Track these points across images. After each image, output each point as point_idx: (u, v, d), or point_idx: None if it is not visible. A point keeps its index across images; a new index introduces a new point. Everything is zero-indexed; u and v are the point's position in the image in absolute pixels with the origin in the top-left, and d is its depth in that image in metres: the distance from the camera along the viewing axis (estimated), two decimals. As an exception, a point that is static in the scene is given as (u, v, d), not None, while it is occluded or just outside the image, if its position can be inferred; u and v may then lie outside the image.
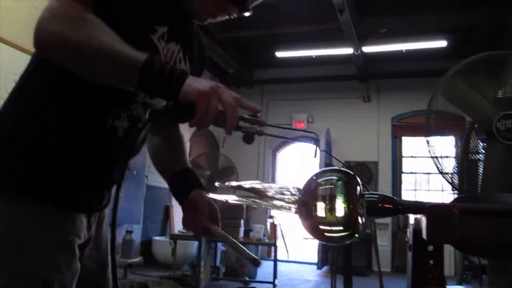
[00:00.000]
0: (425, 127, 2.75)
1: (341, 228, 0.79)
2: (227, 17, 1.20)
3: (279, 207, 0.98)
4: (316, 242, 8.28)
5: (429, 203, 0.66)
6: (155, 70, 0.87)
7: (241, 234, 5.91)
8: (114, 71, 0.91)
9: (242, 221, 5.96)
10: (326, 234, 0.80)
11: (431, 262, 0.76)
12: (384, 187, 8.90)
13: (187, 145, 1.20)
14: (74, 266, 1.08)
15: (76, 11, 0.93)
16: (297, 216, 0.89)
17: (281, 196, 0.88)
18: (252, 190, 0.98)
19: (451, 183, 2.73)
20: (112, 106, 1.10)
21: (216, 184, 4.45)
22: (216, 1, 1.16)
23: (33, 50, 1.04)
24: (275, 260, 5.79)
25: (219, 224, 1.27)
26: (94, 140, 1.09)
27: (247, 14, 1.20)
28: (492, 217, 0.68)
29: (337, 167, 0.84)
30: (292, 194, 0.86)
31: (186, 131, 1.54)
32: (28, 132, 1.04)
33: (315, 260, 8.19)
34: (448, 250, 6.78)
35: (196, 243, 6.23)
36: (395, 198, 0.76)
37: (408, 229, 0.82)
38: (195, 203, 1.28)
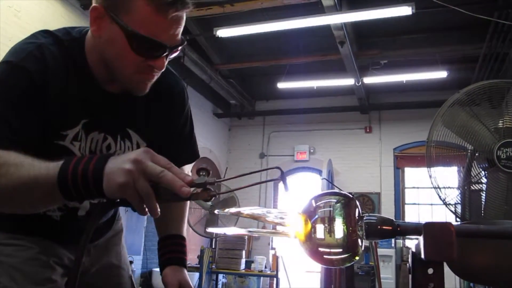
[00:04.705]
0: (426, 157, 2.75)
1: (340, 250, 0.79)
2: (160, 71, 1.10)
3: (279, 233, 0.97)
4: (319, 276, 8.15)
5: (427, 222, 0.66)
6: (69, 180, 0.81)
7: (243, 266, 5.83)
8: (38, 199, 0.87)
9: (243, 253, 5.89)
10: (325, 256, 0.80)
11: (432, 285, 0.75)
12: (387, 219, 8.80)
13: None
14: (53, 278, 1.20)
15: None
16: (298, 246, 0.88)
17: (281, 220, 0.88)
18: (251, 216, 0.97)
19: (454, 213, 2.71)
20: None
21: (216, 211, 4.43)
22: (138, 69, 1.07)
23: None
24: (277, 293, 5.70)
25: None
26: (35, 219, 1.18)
27: (175, 54, 1.09)
28: (490, 238, 0.68)
29: (336, 190, 0.84)
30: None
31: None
32: None
33: (318, 293, 8.05)
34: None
35: (197, 274, 6.15)
36: (394, 220, 0.76)
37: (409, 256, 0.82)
38: (166, 285, 1.27)
